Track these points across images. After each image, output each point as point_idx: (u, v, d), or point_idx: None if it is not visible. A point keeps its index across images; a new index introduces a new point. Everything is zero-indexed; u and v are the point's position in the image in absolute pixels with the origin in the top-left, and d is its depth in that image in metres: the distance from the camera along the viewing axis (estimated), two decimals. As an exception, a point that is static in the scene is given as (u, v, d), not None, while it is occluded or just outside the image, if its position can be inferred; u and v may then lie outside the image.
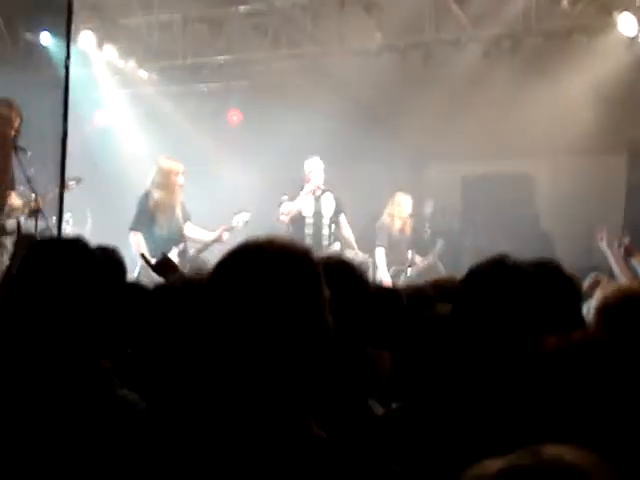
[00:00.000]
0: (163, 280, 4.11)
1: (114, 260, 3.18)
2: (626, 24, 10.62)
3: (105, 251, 3.14)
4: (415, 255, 11.45)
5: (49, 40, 11.94)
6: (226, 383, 2.07)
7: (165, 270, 4.72)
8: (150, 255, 9.33)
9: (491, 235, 12.15)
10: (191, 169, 10.06)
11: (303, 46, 12.69)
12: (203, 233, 9.88)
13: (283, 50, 12.64)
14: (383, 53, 12.18)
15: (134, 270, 9.25)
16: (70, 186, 8.94)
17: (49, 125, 8.38)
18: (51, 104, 8.45)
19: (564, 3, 10.26)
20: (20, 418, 2.68)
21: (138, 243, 9.47)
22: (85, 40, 12.63)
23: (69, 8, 8.02)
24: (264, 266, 2.09)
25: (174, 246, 9.54)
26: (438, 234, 11.64)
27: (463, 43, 11.84)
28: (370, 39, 11.87)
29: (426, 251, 11.50)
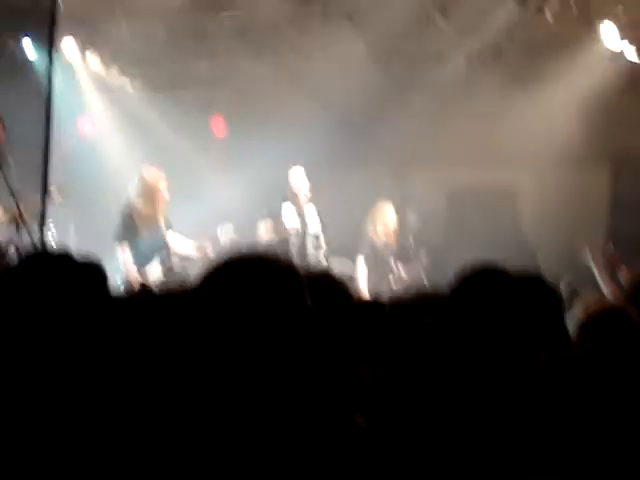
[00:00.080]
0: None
1: (97, 273, 3.16)
2: (609, 36, 10.68)
3: (87, 265, 3.12)
4: (398, 265, 11.43)
5: (31, 48, 11.92)
6: (213, 390, 2.07)
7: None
8: (134, 265, 9.35)
9: (475, 247, 12.16)
10: (174, 177, 10.03)
11: (287, 55, 12.70)
12: (186, 244, 9.83)
13: (267, 59, 12.64)
14: (367, 63, 12.22)
15: (118, 280, 9.24)
16: (54, 197, 8.89)
17: (32, 134, 8.33)
18: (34, 113, 8.41)
19: (547, 15, 10.28)
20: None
21: (124, 255, 9.41)
22: (68, 48, 12.59)
23: (52, 16, 7.98)
24: (249, 278, 2.10)
25: (157, 256, 9.50)
26: (422, 245, 11.63)
27: (447, 54, 11.89)
28: (354, 49, 11.88)
29: (409, 261, 11.48)
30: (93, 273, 3.02)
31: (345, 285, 3.36)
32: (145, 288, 5.11)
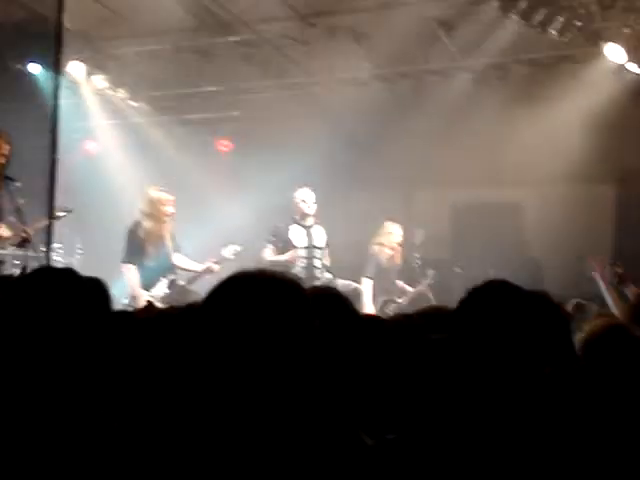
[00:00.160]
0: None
1: (99, 288, 3.16)
2: (614, 52, 10.68)
3: (90, 280, 3.13)
4: (404, 285, 11.42)
5: (38, 70, 11.97)
6: (219, 404, 2.08)
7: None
8: (140, 285, 9.34)
9: (480, 264, 12.14)
10: (180, 198, 10.03)
11: (293, 76, 12.73)
12: (192, 264, 9.82)
13: (273, 80, 12.68)
14: (372, 83, 12.26)
15: (125, 300, 9.23)
16: (60, 216, 8.93)
17: (38, 155, 8.36)
18: (40, 134, 8.44)
19: (552, 32, 10.29)
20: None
21: (131, 275, 9.39)
22: (75, 70, 12.66)
23: (58, 38, 8.03)
24: (255, 295, 2.11)
25: (163, 277, 9.49)
26: (428, 263, 11.61)
27: (452, 73, 11.92)
28: (359, 69, 11.92)
29: (416, 280, 11.45)
30: (96, 288, 3.03)
31: (350, 302, 3.36)
32: (151, 305, 5.12)
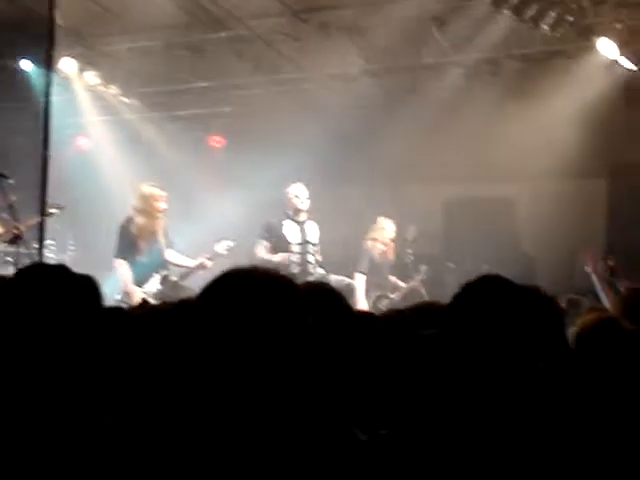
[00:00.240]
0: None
1: (91, 285, 3.16)
2: (606, 47, 10.69)
3: (82, 277, 3.13)
4: (397, 280, 11.42)
5: (30, 67, 11.95)
6: (213, 400, 2.08)
7: None
8: (133, 281, 9.33)
9: (473, 259, 12.15)
10: (172, 194, 10.02)
11: (285, 72, 12.72)
12: (185, 260, 9.81)
13: (265, 76, 12.66)
14: (364, 78, 12.25)
15: (118, 296, 9.23)
16: (52, 213, 8.92)
17: (30, 151, 8.35)
18: (32, 131, 8.43)
19: (544, 27, 10.30)
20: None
21: (123, 271, 9.38)
22: (66, 66, 12.64)
23: (50, 35, 8.02)
24: (248, 293, 2.11)
25: (156, 273, 9.48)
26: (420, 258, 11.60)
27: (444, 68, 11.92)
28: (351, 65, 11.92)
29: (409, 276, 11.45)
30: (88, 285, 3.03)
31: (343, 297, 3.36)
32: (145, 302, 5.11)
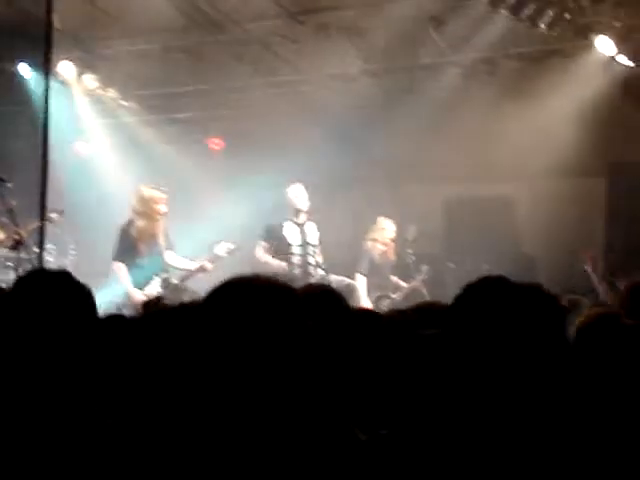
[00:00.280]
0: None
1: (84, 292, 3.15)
2: (604, 45, 10.69)
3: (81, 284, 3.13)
4: (398, 280, 11.43)
5: (28, 70, 11.96)
6: (215, 403, 2.10)
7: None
8: (133, 284, 9.34)
9: (473, 258, 12.15)
10: (172, 197, 10.02)
11: (283, 74, 12.73)
12: (185, 262, 9.81)
13: (263, 78, 12.67)
14: (362, 79, 12.25)
15: (120, 300, 9.23)
16: (52, 218, 8.91)
17: (29, 155, 8.35)
18: (31, 135, 8.43)
19: (541, 26, 10.29)
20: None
21: (123, 274, 9.39)
22: (65, 70, 12.64)
23: (48, 38, 8.01)
24: (249, 301, 2.14)
25: (156, 275, 9.49)
26: (421, 258, 11.60)
27: (441, 68, 11.93)
28: (350, 65, 11.92)
29: (410, 276, 11.45)
30: (86, 292, 3.03)
31: (343, 298, 3.37)
32: (153, 302, 5.10)
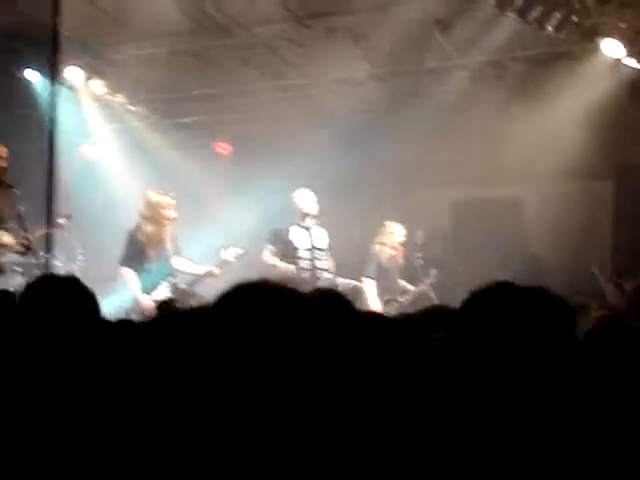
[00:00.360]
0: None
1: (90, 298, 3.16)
2: (611, 47, 10.67)
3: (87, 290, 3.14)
4: (406, 284, 11.41)
5: (36, 76, 11.98)
6: (222, 405, 2.11)
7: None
8: (141, 289, 9.34)
9: (481, 261, 12.15)
10: (179, 202, 10.03)
11: (290, 78, 12.74)
12: (193, 267, 9.81)
13: (269, 82, 12.69)
14: (369, 83, 12.26)
15: (128, 305, 9.25)
16: (60, 223, 8.91)
17: (37, 161, 8.37)
18: (39, 140, 8.45)
19: (549, 29, 10.28)
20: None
21: (130, 279, 9.40)
22: (72, 75, 12.67)
23: (55, 44, 8.04)
24: (257, 308, 2.16)
25: (163, 280, 9.49)
26: (429, 262, 11.58)
27: (448, 71, 11.92)
28: (356, 69, 11.93)
29: (418, 280, 11.42)
30: (92, 297, 3.04)
31: (350, 302, 3.37)
32: (165, 305, 5.11)
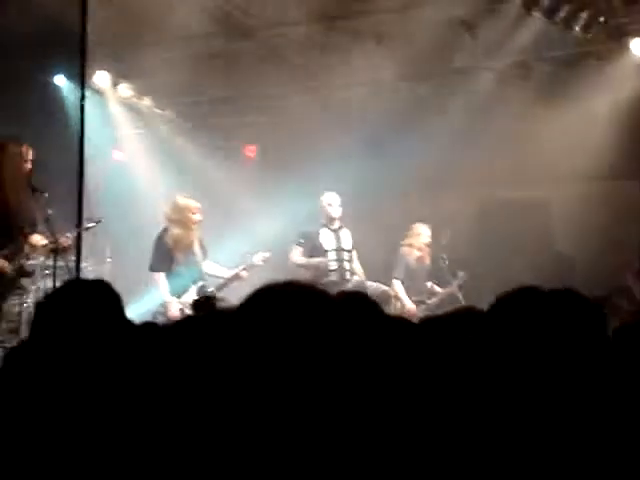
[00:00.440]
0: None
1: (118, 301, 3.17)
2: (639, 47, 10.63)
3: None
4: (434, 286, 11.42)
5: (64, 81, 12.06)
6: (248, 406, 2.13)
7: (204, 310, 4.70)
8: (172, 292, 9.39)
9: (508, 263, 12.11)
10: (208, 206, 10.08)
11: (317, 79, 12.75)
12: (221, 271, 9.86)
13: (297, 84, 12.71)
14: (395, 84, 12.26)
15: (156, 308, 9.30)
16: (89, 227, 8.93)
17: (66, 165, 8.40)
18: (68, 144, 8.49)
19: (576, 29, 10.25)
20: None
21: (160, 283, 9.44)
22: (100, 79, 12.76)
23: (82, 49, 8.07)
24: (284, 307, 2.17)
25: (192, 284, 9.52)
26: (456, 263, 11.56)
27: (474, 72, 11.90)
28: (383, 70, 11.92)
29: (445, 281, 11.42)
30: (118, 299, 3.06)
31: (378, 304, 3.37)
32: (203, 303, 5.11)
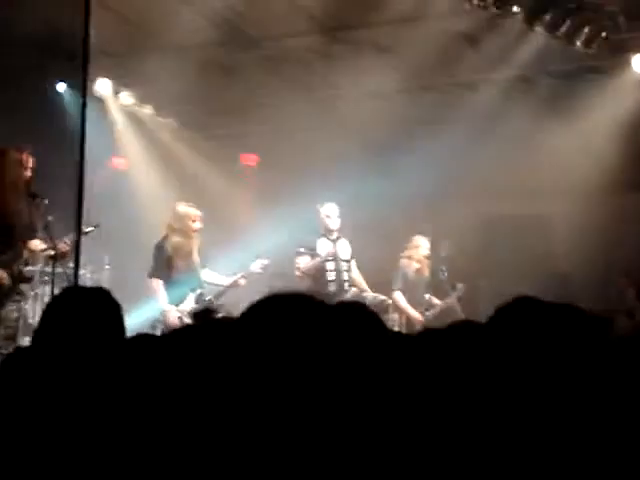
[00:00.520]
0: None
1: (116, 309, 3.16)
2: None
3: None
4: (432, 297, 11.43)
5: (65, 88, 12.09)
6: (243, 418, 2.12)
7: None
8: (170, 300, 9.39)
9: (509, 276, 12.11)
10: (208, 214, 10.08)
11: (318, 90, 12.77)
12: (220, 278, 9.87)
13: (298, 94, 12.73)
14: (398, 96, 12.27)
15: (154, 317, 9.29)
16: (87, 232, 8.93)
17: (66, 172, 8.40)
18: (68, 151, 8.48)
19: (577, 44, 10.27)
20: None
21: (159, 291, 9.45)
22: (101, 87, 12.78)
23: (84, 56, 8.07)
24: (286, 319, 2.18)
25: (191, 292, 9.52)
26: (456, 276, 11.58)
27: (477, 85, 11.92)
28: (385, 82, 11.93)
29: (443, 293, 11.44)
30: (117, 307, 3.06)
31: (376, 315, 3.36)
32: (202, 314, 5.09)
